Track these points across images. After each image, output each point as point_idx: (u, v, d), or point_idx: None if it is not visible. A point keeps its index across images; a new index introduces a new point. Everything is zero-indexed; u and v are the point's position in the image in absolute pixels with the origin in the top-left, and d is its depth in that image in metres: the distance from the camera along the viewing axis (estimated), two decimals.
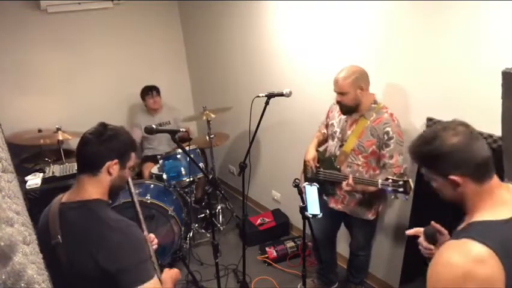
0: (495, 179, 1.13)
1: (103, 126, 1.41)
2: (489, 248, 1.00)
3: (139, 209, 1.59)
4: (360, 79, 2.11)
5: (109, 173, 1.39)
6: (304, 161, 2.50)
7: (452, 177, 1.10)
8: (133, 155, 1.47)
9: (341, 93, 2.14)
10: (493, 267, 0.99)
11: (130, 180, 1.55)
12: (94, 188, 1.38)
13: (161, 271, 1.50)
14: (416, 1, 2.06)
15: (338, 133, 2.31)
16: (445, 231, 1.36)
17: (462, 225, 1.15)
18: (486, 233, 1.05)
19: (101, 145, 1.36)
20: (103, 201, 1.40)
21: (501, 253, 1.00)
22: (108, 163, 1.37)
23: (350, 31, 2.49)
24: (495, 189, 1.11)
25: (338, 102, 2.19)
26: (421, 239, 1.38)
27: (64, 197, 1.41)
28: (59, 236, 1.30)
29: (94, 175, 1.37)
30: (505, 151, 1.57)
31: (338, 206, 2.39)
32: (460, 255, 1.02)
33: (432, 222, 1.38)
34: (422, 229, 1.40)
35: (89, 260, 1.27)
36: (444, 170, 1.12)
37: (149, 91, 3.87)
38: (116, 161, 1.39)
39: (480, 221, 1.09)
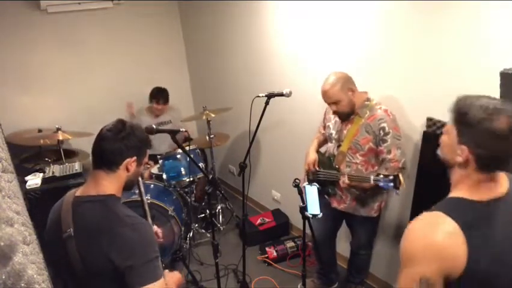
0: (497, 174, 1.11)
1: (122, 123, 1.43)
2: (456, 223, 1.03)
3: (146, 205, 1.60)
4: (347, 82, 2.12)
5: (127, 170, 1.41)
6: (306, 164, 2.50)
7: (464, 147, 1.07)
8: (147, 151, 1.50)
9: (334, 103, 2.14)
10: (456, 241, 1.02)
11: (139, 178, 1.56)
12: (111, 184, 1.39)
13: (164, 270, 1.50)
14: (416, 1, 2.06)
15: (334, 134, 2.32)
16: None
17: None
18: (458, 208, 1.08)
19: (120, 142, 1.37)
20: (117, 197, 1.41)
21: (469, 232, 1.02)
22: (127, 160, 1.39)
23: (350, 31, 2.49)
24: (488, 181, 1.11)
25: (335, 112, 2.21)
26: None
27: (78, 191, 1.42)
28: (71, 229, 1.31)
29: (112, 171, 1.39)
30: None
31: (340, 206, 2.39)
32: (427, 226, 1.07)
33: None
34: None
35: (101, 255, 1.27)
36: (466, 139, 1.07)
37: (157, 96, 3.80)
38: (135, 158, 1.41)
39: (457, 197, 1.12)
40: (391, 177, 1.96)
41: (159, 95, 3.81)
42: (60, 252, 1.29)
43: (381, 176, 2.00)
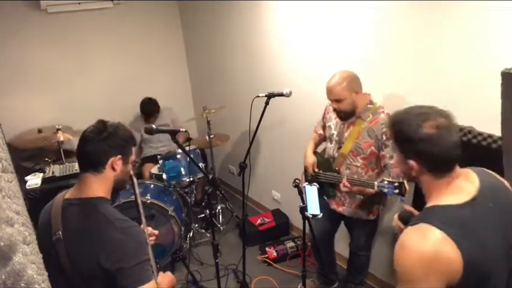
0: (456, 168, 1.16)
1: (102, 123, 1.42)
2: (444, 232, 1.04)
3: (139, 201, 1.60)
4: (354, 82, 2.10)
5: (113, 169, 1.40)
6: (304, 167, 2.50)
7: (411, 162, 1.16)
8: (133, 149, 1.49)
9: (336, 101, 2.12)
10: (448, 251, 1.02)
11: (133, 174, 1.56)
12: (99, 185, 1.39)
13: (158, 272, 1.50)
14: (416, 1, 2.06)
15: (335, 135, 2.31)
16: (417, 213, 1.42)
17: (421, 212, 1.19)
18: (441, 217, 1.09)
19: (103, 142, 1.37)
20: (107, 199, 1.41)
21: (456, 237, 1.03)
22: (112, 159, 1.39)
23: (350, 31, 2.49)
24: (453, 179, 1.15)
25: (335, 110, 2.18)
26: (397, 223, 1.45)
27: (68, 194, 1.41)
28: (60, 232, 1.31)
29: (98, 172, 1.38)
30: (504, 151, 1.57)
31: (339, 208, 2.39)
32: (417, 241, 1.07)
33: (405, 206, 1.47)
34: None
35: (90, 258, 1.27)
36: (408, 153, 1.17)
37: (144, 113, 3.85)
38: (119, 156, 1.40)
39: (436, 205, 1.13)
40: (396, 184, 1.92)
41: (145, 110, 3.85)
42: (50, 254, 1.28)
43: (386, 182, 1.95)
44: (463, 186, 1.14)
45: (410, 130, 1.13)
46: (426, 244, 1.04)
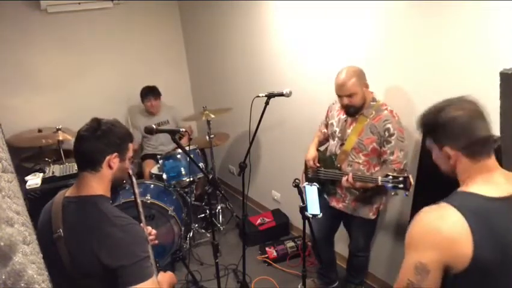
0: (493, 160, 1.16)
1: (97, 121, 1.43)
2: (464, 218, 1.05)
3: (139, 200, 1.61)
4: (362, 76, 2.11)
5: (110, 167, 1.41)
6: (305, 161, 2.50)
7: (446, 148, 1.16)
8: (130, 145, 1.49)
9: (348, 96, 2.10)
10: (462, 232, 1.04)
11: (131, 172, 1.56)
12: (97, 184, 1.40)
13: (158, 272, 1.50)
14: (416, 1, 2.06)
15: (337, 132, 2.31)
16: None
17: None
18: (465, 201, 1.10)
19: (98, 141, 1.37)
20: (106, 197, 1.42)
21: (474, 226, 1.04)
22: (108, 157, 1.39)
23: (350, 31, 2.49)
24: (490, 169, 1.14)
25: (346, 106, 2.15)
26: None
27: (68, 192, 1.42)
28: (60, 230, 1.32)
29: (95, 171, 1.39)
30: (503, 151, 1.57)
31: (339, 205, 2.39)
32: (433, 216, 1.10)
33: None
34: None
35: (91, 255, 1.28)
36: (439, 140, 1.17)
37: (147, 94, 3.82)
38: (115, 154, 1.41)
39: (465, 191, 1.14)
40: (401, 179, 1.91)
41: (150, 93, 3.82)
42: (51, 253, 1.29)
43: (390, 177, 1.94)
44: (499, 182, 1.13)
45: (436, 115, 1.16)
46: (441, 222, 1.06)
